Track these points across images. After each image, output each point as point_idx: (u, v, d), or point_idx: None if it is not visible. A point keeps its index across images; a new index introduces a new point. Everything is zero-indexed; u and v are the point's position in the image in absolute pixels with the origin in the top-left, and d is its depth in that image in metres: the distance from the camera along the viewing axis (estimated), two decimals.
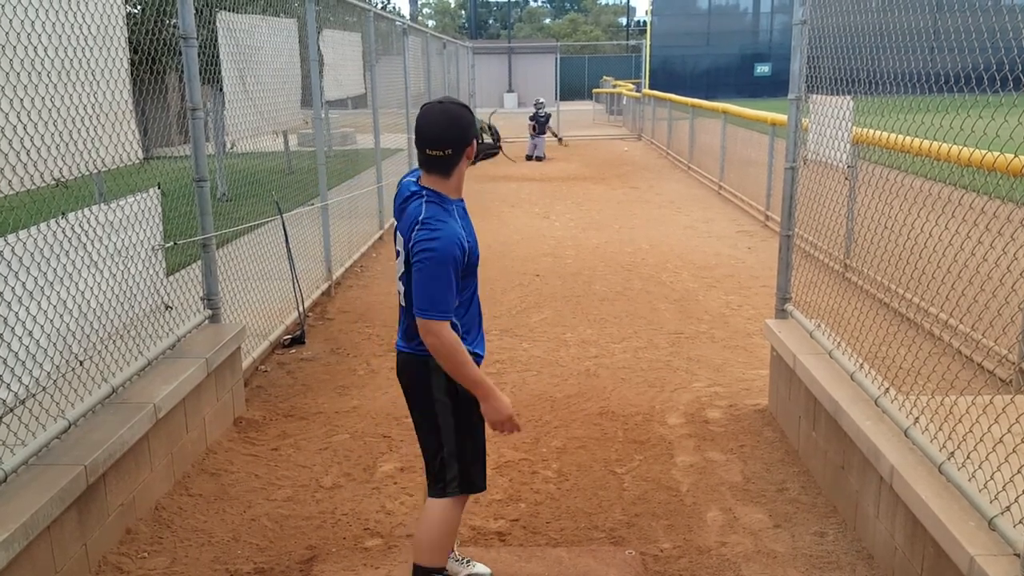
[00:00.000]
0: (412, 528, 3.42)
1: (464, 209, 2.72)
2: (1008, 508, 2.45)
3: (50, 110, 3.17)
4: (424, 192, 2.64)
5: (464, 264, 2.58)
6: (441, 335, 2.52)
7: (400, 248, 2.65)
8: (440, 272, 2.49)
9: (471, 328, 2.74)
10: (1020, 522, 2.37)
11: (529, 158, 17.30)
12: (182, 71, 4.42)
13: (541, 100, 17.79)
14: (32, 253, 3.10)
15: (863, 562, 3.19)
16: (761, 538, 3.38)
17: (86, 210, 3.49)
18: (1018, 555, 2.33)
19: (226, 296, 4.87)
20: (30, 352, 3.07)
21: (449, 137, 2.58)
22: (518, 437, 4.33)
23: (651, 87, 25.07)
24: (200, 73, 4.49)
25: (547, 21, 75.23)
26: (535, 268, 8.02)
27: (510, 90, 43.17)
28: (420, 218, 2.55)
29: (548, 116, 17.49)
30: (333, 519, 3.58)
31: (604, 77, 35.82)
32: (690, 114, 14.91)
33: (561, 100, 25.93)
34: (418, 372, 2.74)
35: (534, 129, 17.38)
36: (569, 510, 3.63)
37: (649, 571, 3.19)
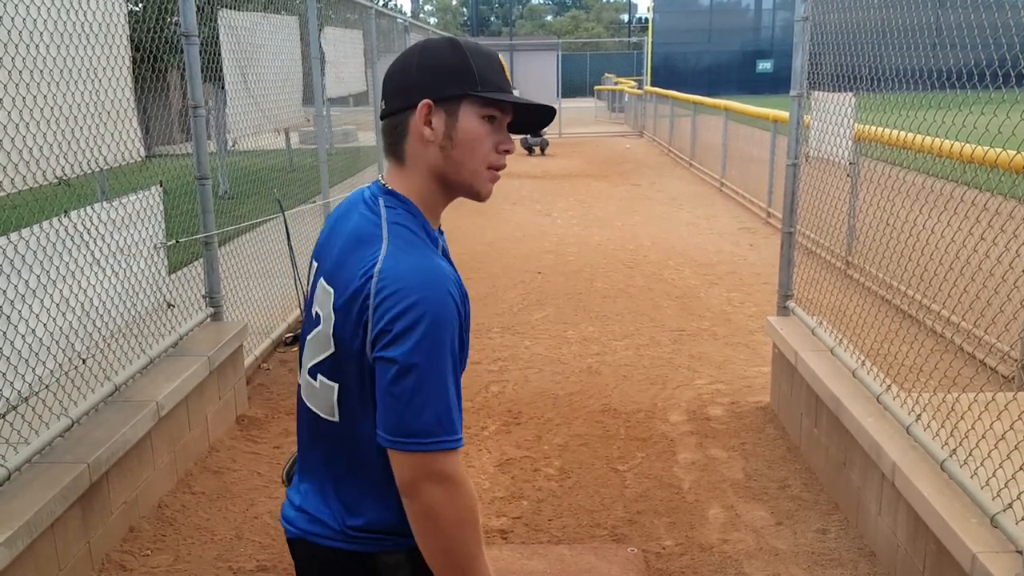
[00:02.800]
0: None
1: (446, 250, 1.51)
2: (1010, 505, 2.44)
3: (52, 108, 3.17)
4: (382, 199, 1.45)
5: (461, 335, 1.38)
6: (456, 483, 1.32)
7: (321, 309, 1.41)
8: (438, 359, 1.31)
9: None
10: (1022, 519, 2.37)
11: (529, 150, 17.74)
12: (184, 69, 4.42)
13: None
14: (35, 251, 3.10)
15: (865, 559, 3.20)
16: (763, 535, 3.39)
17: (88, 208, 3.49)
18: (1020, 552, 2.33)
19: (228, 294, 4.87)
20: (33, 350, 3.07)
21: (392, 84, 1.46)
22: (520, 435, 4.34)
23: (653, 84, 25.05)
24: (202, 71, 4.49)
25: (548, 18, 75.16)
26: (537, 265, 8.02)
27: (512, 87, 43.17)
28: (376, 259, 1.35)
29: None
30: None
31: (606, 74, 35.82)
32: (692, 111, 14.89)
33: (563, 97, 25.91)
34: None
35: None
36: (571, 507, 3.63)
37: (651, 568, 3.19)
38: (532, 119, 1.53)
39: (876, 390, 3.40)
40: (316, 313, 1.42)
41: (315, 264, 1.50)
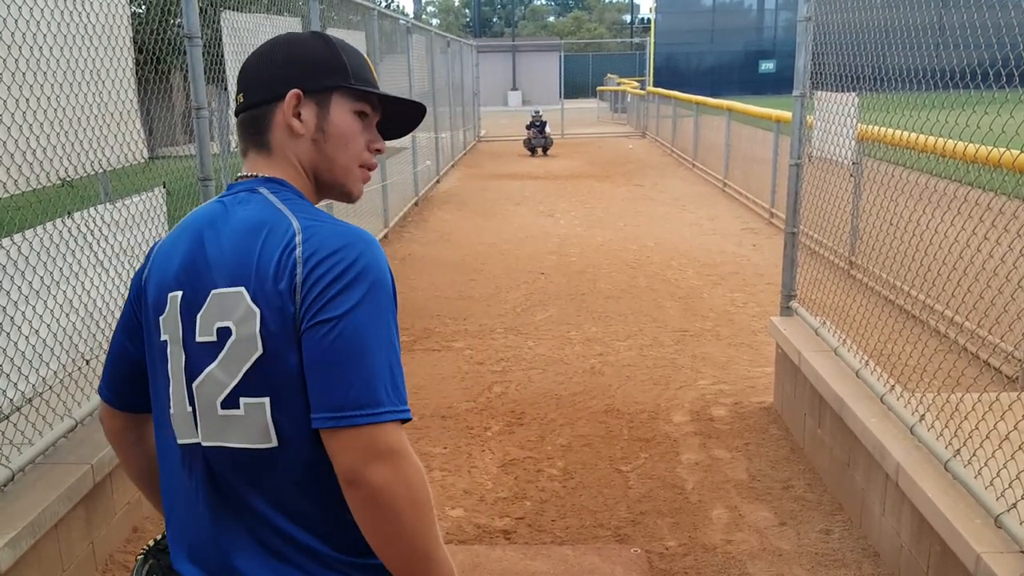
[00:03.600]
0: None
1: None
2: (1014, 505, 2.44)
3: (56, 110, 3.18)
4: (263, 188, 1.33)
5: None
6: (407, 458, 1.18)
7: (226, 319, 1.24)
8: (382, 319, 1.21)
9: None
10: None
11: (532, 150, 17.82)
12: (186, 70, 4.42)
13: (538, 110, 18.91)
14: (38, 253, 3.11)
15: (869, 560, 3.19)
16: (767, 536, 3.38)
17: (91, 209, 3.50)
18: None
19: None
20: (36, 351, 3.08)
21: (251, 76, 1.38)
22: (523, 435, 4.34)
23: (655, 85, 25.04)
24: (205, 72, 4.50)
25: (551, 19, 75.18)
26: (540, 266, 8.02)
27: (514, 88, 43.17)
28: (291, 231, 1.24)
29: (545, 122, 18.36)
30: None
31: (608, 75, 35.82)
32: (694, 111, 14.89)
33: (565, 98, 25.93)
34: None
35: (532, 136, 18.39)
36: (574, 508, 3.63)
37: (655, 569, 3.19)
38: (400, 123, 1.48)
39: (880, 390, 3.39)
40: (218, 329, 1.23)
41: (176, 294, 1.28)
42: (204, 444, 1.27)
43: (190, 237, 1.32)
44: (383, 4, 28.39)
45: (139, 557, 1.46)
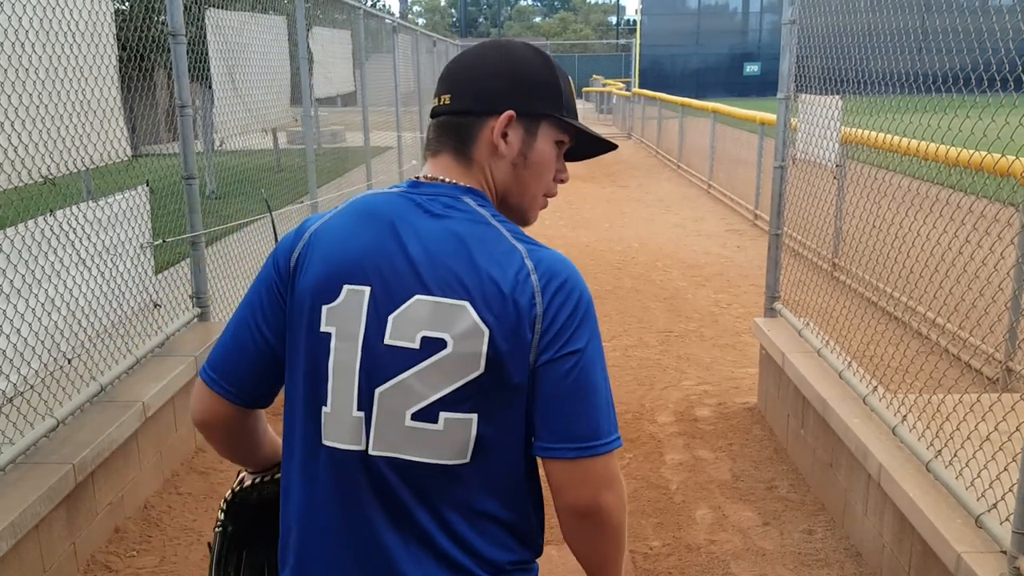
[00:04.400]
0: None
1: None
2: (995, 505, 2.46)
3: (37, 107, 3.15)
4: (467, 198, 1.28)
5: None
6: (622, 484, 1.27)
7: (438, 330, 1.19)
8: (601, 352, 1.27)
9: None
10: (1006, 519, 2.39)
11: None
12: (170, 68, 4.40)
13: None
14: (19, 250, 3.08)
15: (851, 559, 3.21)
16: (750, 536, 3.40)
17: (74, 207, 3.48)
18: (1004, 552, 2.35)
19: (215, 294, 4.85)
20: (18, 350, 3.05)
21: (473, 85, 1.30)
22: None
23: (641, 86, 25.11)
24: (189, 70, 4.47)
25: (537, 20, 75.25)
26: None
27: None
28: (519, 254, 1.22)
29: None
30: None
31: (594, 76, 35.88)
32: (680, 113, 14.94)
33: None
34: None
35: None
36: None
37: (638, 569, 3.20)
38: (581, 152, 1.42)
39: (862, 391, 3.42)
40: (425, 338, 1.18)
41: (361, 289, 1.22)
42: (374, 453, 1.21)
43: (376, 228, 1.25)
44: (369, 3, 28.31)
45: (218, 529, 1.42)
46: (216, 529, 1.43)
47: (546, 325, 1.20)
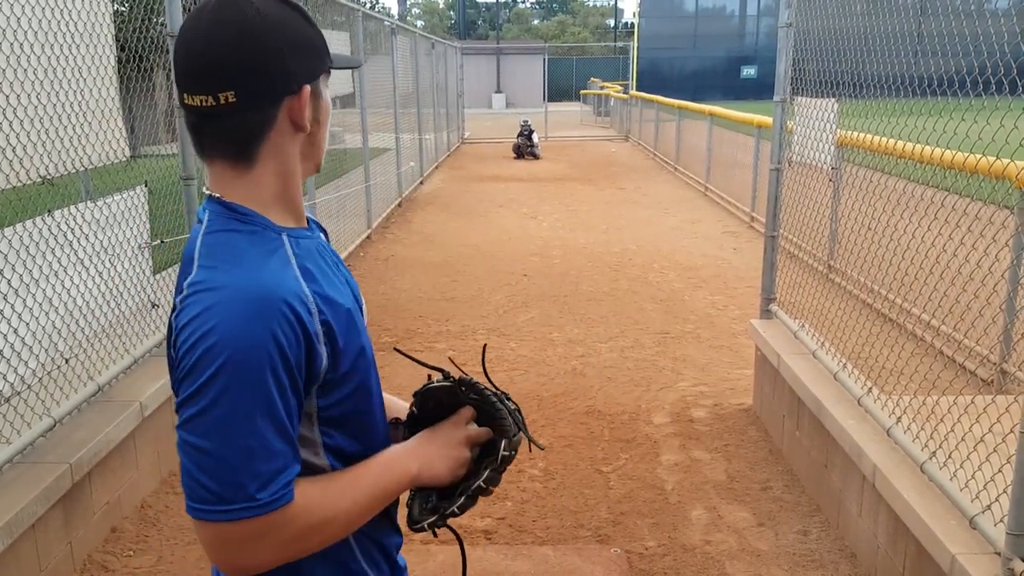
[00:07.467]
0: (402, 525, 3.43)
1: (324, 248, 1.29)
2: (989, 507, 2.48)
3: (36, 107, 3.16)
4: (208, 207, 1.20)
5: (307, 364, 1.15)
6: (278, 543, 1.13)
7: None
8: (234, 406, 1.08)
9: (372, 442, 1.34)
10: (1000, 521, 2.40)
11: (519, 155, 17.85)
12: (169, 69, 4.41)
13: (527, 120, 19.02)
14: (18, 250, 3.09)
15: (846, 560, 3.22)
16: (745, 536, 3.41)
17: (72, 208, 3.48)
18: (999, 553, 2.36)
19: None
20: (15, 350, 3.06)
21: (233, 68, 1.10)
22: None
23: (638, 89, 25.14)
24: None
25: (535, 22, 75.30)
26: (522, 268, 8.03)
27: (498, 91, 43.17)
28: (185, 283, 1.14)
29: (533, 131, 18.50)
30: None
31: (592, 79, 35.90)
32: (677, 116, 14.96)
33: (549, 101, 25.99)
34: None
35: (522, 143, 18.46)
36: (555, 508, 3.65)
37: (634, 569, 3.21)
38: None
39: (857, 393, 3.43)
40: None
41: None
42: None
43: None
44: (368, 5, 28.35)
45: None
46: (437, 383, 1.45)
47: (176, 364, 1.15)
